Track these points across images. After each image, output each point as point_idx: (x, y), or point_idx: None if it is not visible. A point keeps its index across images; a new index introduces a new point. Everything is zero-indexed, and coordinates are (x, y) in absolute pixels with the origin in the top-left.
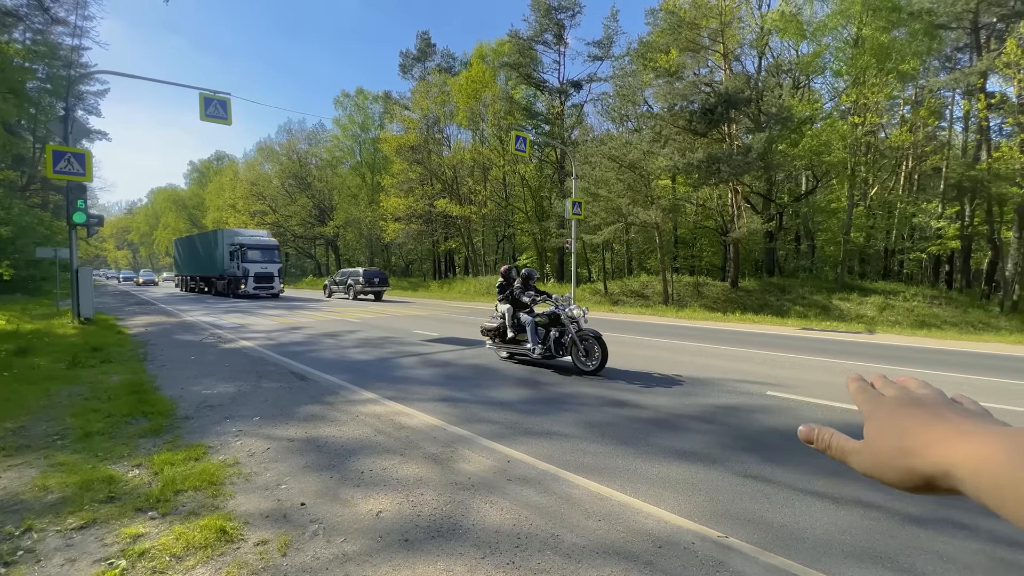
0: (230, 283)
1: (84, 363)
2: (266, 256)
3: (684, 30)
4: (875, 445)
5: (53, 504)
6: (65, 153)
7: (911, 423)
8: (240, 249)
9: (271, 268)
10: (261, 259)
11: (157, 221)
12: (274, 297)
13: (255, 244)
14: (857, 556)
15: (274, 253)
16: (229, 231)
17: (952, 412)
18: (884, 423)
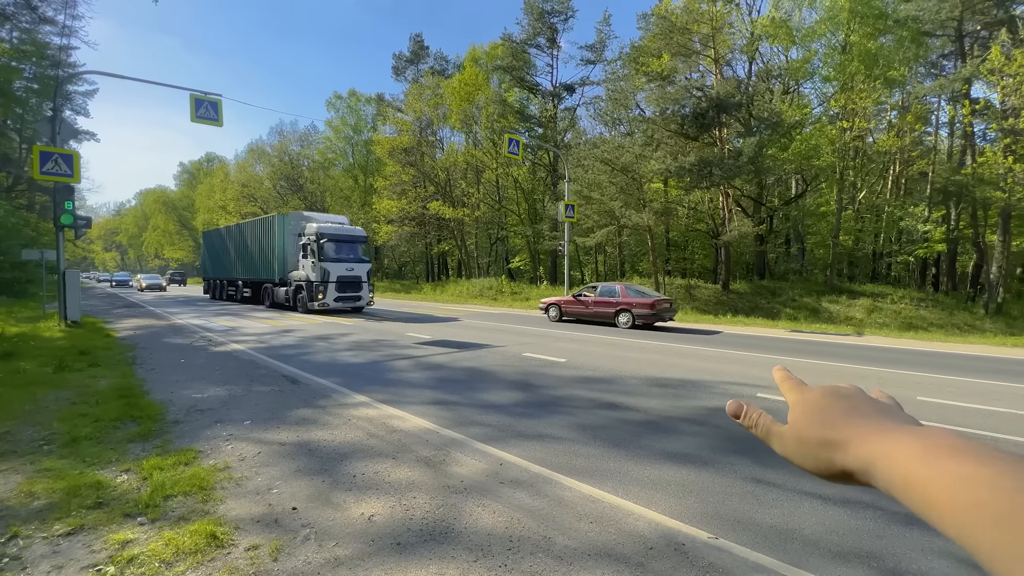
0: (298, 291)
1: (71, 367)
2: (351, 252)
3: (676, 35)
4: (799, 432)
5: (39, 510)
6: (52, 154)
7: (834, 415)
8: (317, 242)
9: (358, 270)
10: (345, 256)
11: (146, 223)
12: (357, 311)
13: (337, 235)
14: (844, 555)
15: (361, 248)
16: (295, 215)
17: (872, 408)
18: (809, 413)
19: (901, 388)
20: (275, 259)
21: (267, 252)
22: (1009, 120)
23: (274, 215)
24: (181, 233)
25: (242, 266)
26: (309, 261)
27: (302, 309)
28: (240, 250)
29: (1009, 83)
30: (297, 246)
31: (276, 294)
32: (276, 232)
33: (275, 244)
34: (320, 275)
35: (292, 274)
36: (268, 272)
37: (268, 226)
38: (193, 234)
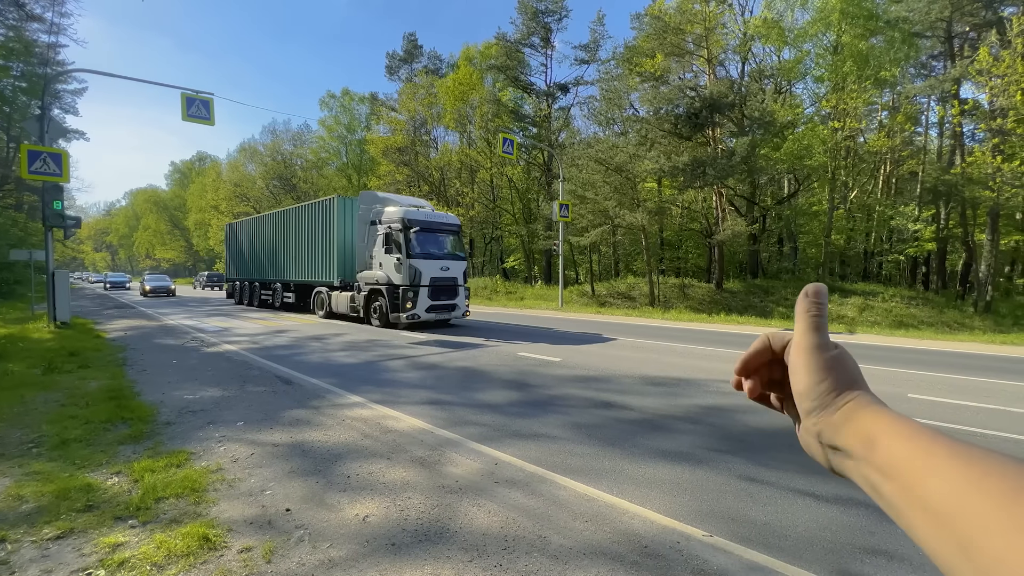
0: (373, 298)
1: (60, 368)
2: (443, 246)
3: (669, 35)
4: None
5: (28, 514)
6: (41, 153)
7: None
8: (403, 231)
9: (454, 269)
10: (438, 251)
11: (137, 223)
12: (444, 323)
13: (429, 222)
14: (837, 551)
15: (453, 241)
16: (367, 195)
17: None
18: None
19: (892, 385)
20: (334, 255)
21: (323, 246)
22: (997, 120)
23: (334, 197)
24: (173, 233)
25: (284, 265)
26: (392, 258)
27: (380, 322)
28: (281, 244)
29: (997, 84)
30: (369, 238)
31: (335, 301)
32: (337, 220)
33: (335, 235)
34: (409, 276)
35: (362, 275)
36: (323, 272)
37: (325, 212)
38: (185, 234)
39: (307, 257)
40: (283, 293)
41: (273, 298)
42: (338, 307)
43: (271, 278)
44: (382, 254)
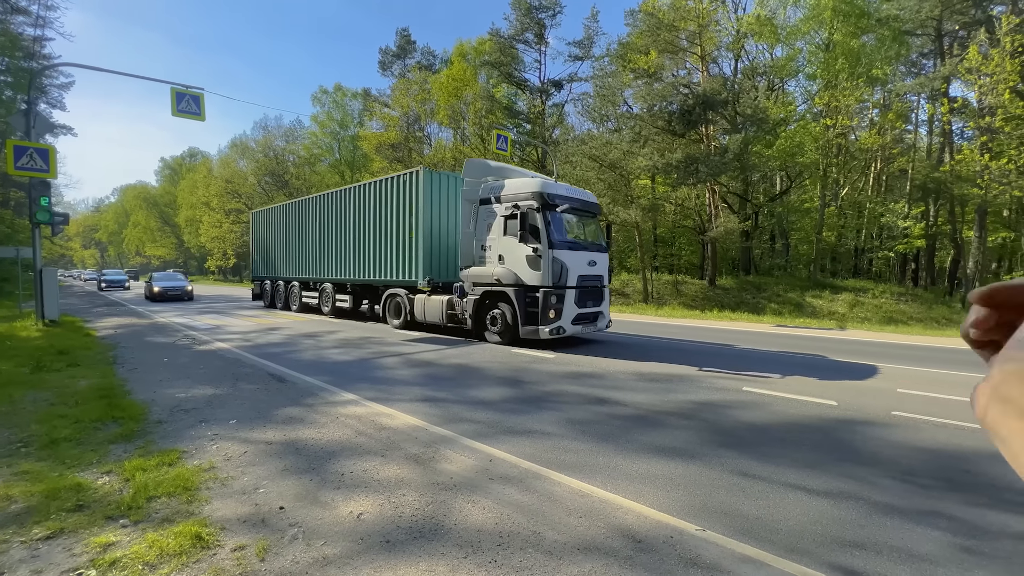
0: (491, 304)
1: (49, 367)
2: (587, 233)
3: (663, 32)
4: None
5: (17, 514)
6: (27, 148)
7: None
8: (541, 211)
9: (601, 264)
10: (582, 242)
11: (127, 219)
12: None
13: (574, 198)
14: (828, 544)
15: (596, 227)
16: (476, 164)
17: None
18: None
19: (883, 381)
20: (418, 247)
21: (400, 236)
22: (986, 118)
23: (419, 169)
24: (163, 230)
25: (338, 261)
26: (523, 249)
27: (502, 337)
28: (334, 235)
29: (986, 82)
30: (481, 221)
31: (420, 307)
32: (423, 199)
33: (420, 221)
34: (552, 274)
35: (470, 273)
36: (399, 269)
37: (403, 191)
38: (176, 231)
39: (374, 250)
40: (335, 296)
41: (321, 302)
42: (426, 315)
43: (318, 277)
44: (505, 243)
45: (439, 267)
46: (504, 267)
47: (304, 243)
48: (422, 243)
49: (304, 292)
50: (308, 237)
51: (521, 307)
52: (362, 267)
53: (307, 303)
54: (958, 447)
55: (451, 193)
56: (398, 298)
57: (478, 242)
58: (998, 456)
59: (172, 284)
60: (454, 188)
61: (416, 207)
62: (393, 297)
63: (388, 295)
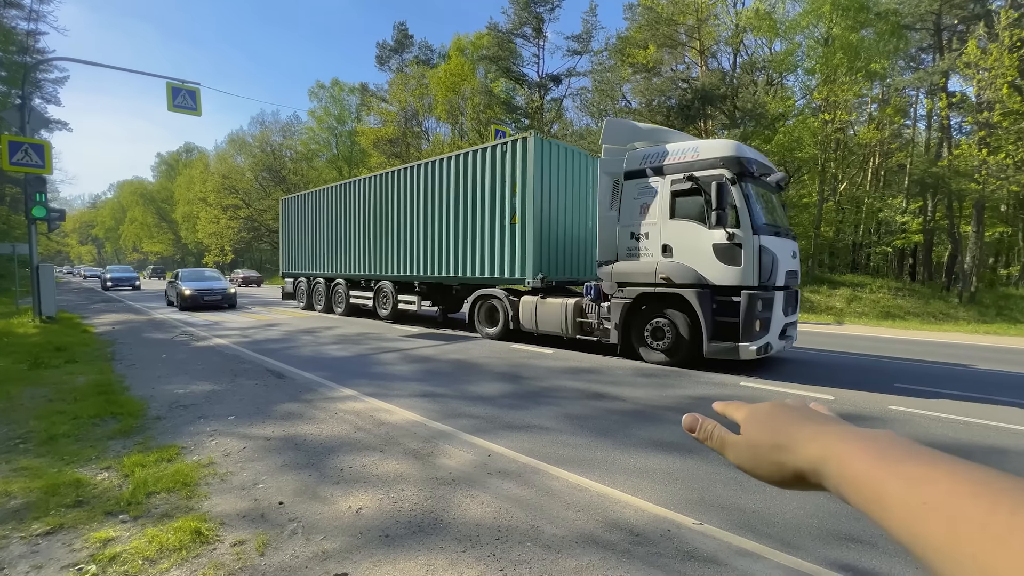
0: (658, 314)
1: (47, 363)
2: (778, 211)
3: (662, 26)
4: (751, 439)
5: (16, 510)
6: (22, 144)
7: (784, 421)
8: (738, 183)
9: (798, 256)
10: (782, 228)
11: (123, 215)
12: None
13: (767, 166)
14: (824, 537)
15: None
16: (620, 125)
17: (819, 416)
18: (759, 421)
19: (880, 375)
20: (528, 237)
21: (497, 222)
22: (984, 113)
23: (528, 135)
24: (160, 226)
25: (405, 254)
26: (710, 236)
27: (675, 356)
28: (398, 222)
29: (984, 77)
30: (629, 200)
31: (529, 313)
32: (534, 174)
33: (530, 201)
34: (759, 269)
35: (618, 269)
36: (499, 263)
37: (505, 164)
38: (173, 227)
39: (456, 241)
40: (397, 296)
41: (377, 303)
42: (537, 322)
43: (372, 274)
44: (674, 229)
45: (552, 262)
46: (673, 261)
47: (353, 234)
48: (532, 231)
49: (353, 292)
50: (358, 227)
51: (706, 315)
52: (437, 261)
53: (357, 304)
54: (954, 440)
55: (566, 168)
56: (493, 300)
57: (625, 229)
58: (994, 450)
59: (208, 286)
60: (569, 162)
61: (525, 184)
62: (485, 300)
63: (478, 297)
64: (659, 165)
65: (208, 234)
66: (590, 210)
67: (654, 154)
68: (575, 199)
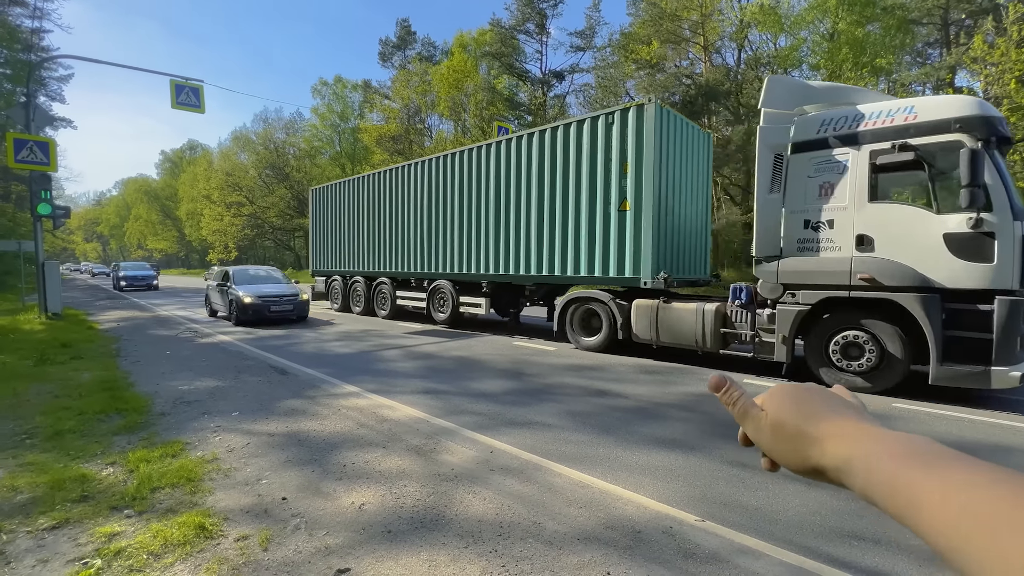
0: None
1: (53, 360)
2: None
3: (665, 22)
4: (776, 417)
5: (23, 505)
6: (27, 141)
7: (808, 407)
8: (983, 148)
9: None
10: None
11: (128, 212)
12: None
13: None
14: (827, 535)
15: None
16: (788, 85)
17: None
18: (784, 401)
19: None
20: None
21: (598, 208)
22: None
23: (646, 103)
24: (164, 223)
25: (469, 248)
26: (941, 222)
27: (880, 384)
28: (461, 212)
29: (992, 72)
30: (815, 180)
31: (653, 319)
32: (650, 152)
33: (646, 185)
34: (1009, 265)
35: (785, 267)
36: (601, 260)
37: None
38: (177, 224)
39: (540, 233)
40: (458, 298)
41: (432, 306)
42: (658, 330)
43: (425, 272)
44: (876, 215)
45: (669, 258)
46: (877, 257)
47: (401, 227)
48: (649, 220)
49: (400, 293)
50: (408, 219)
51: (934, 329)
52: (513, 258)
53: (405, 307)
54: (959, 438)
55: (680, 144)
56: (592, 304)
57: (795, 216)
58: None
59: (274, 291)
60: (684, 137)
61: (640, 162)
62: (581, 304)
63: (572, 300)
64: (850, 132)
65: (212, 231)
66: (701, 196)
67: (840, 118)
68: (688, 182)
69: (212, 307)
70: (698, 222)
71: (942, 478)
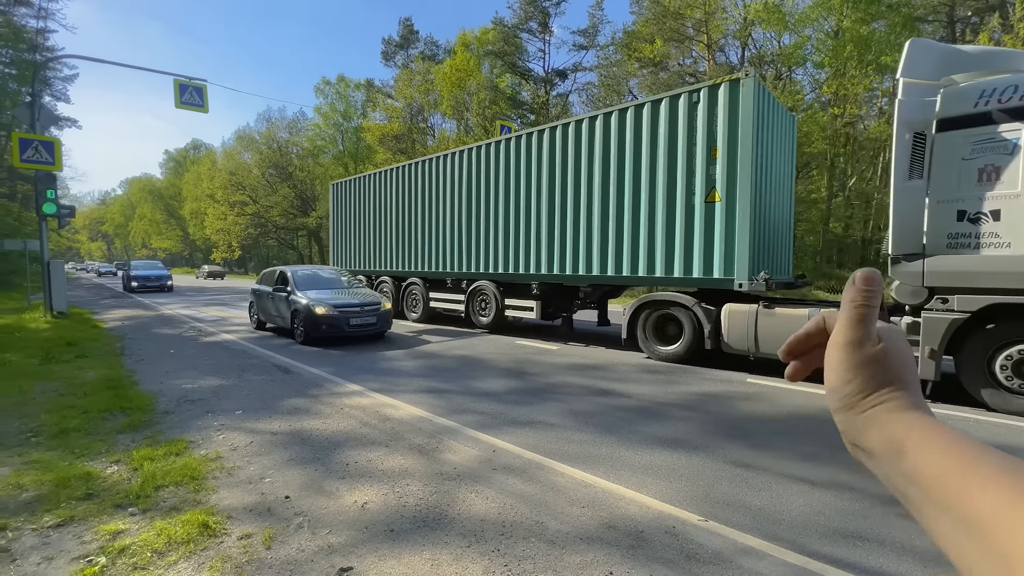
0: None
1: (58, 358)
2: None
3: (669, 20)
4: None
5: (28, 502)
6: (32, 141)
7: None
8: None
9: None
10: None
11: (132, 212)
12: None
13: None
14: (831, 535)
15: None
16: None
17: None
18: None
19: None
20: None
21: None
22: None
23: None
24: (168, 222)
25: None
26: None
27: None
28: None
29: None
30: (972, 163)
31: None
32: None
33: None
34: None
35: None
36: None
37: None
38: (181, 223)
39: (606, 227)
40: (502, 300)
41: (472, 309)
42: (759, 341)
43: (463, 271)
44: None
45: (763, 257)
46: None
47: (435, 223)
48: (748, 213)
49: (434, 294)
50: (443, 214)
51: None
52: (571, 256)
53: (439, 309)
54: None
55: (773, 126)
56: (671, 309)
57: (944, 205)
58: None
59: (349, 302)
60: (776, 118)
61: (735, 146)
62: (656, 308)
63: (645, 304)
64: (1020, 105)
65: (216, 230)
66: (786, 185)
67: (1007, 88)
68: (776, 170)
69: (262, 318)
70: (784, 215)
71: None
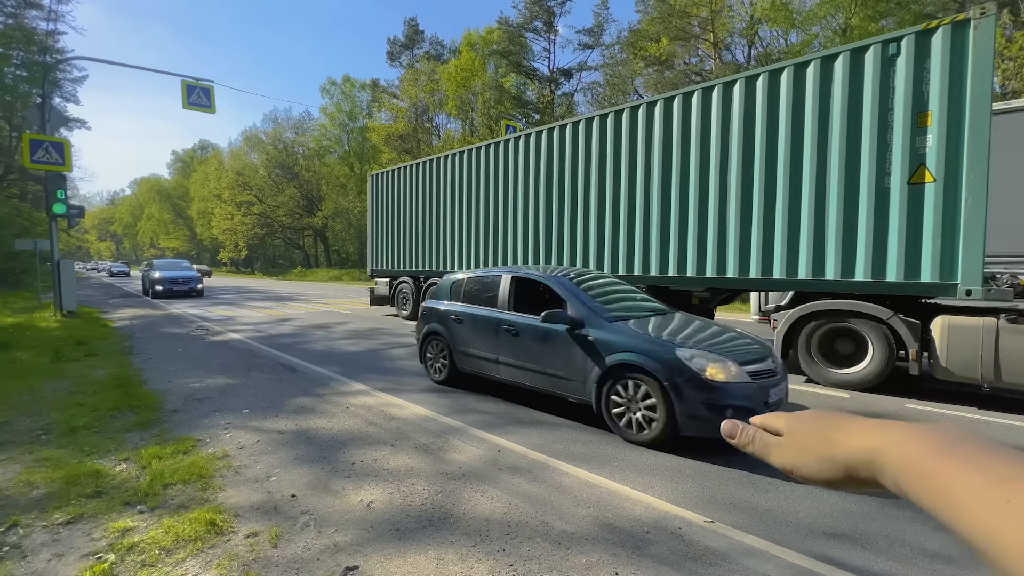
0: None
1: (68, 357)
2: None
3: (675, 18)
4: (799, 437)
5: (39, 500)
6: (43, 142)
7: (834, 419)
8: None
9: None
10: None
11: (141, 212)
12: None
13: None
14: (838, 538)
15: None
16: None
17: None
18: (808, 420)
19: (896, 373)
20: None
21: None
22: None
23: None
24: (176, 222)
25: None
26: None
27: None
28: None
29: (1009, 66)
30: None
31: (993, 352)
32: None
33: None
34: None
35: None
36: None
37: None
38: (188, 223)
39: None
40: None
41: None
42: (1002, 369)
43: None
44: None
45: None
46: None
47: (503, 217)
48: (983, 195)
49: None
50: (514, 206)
51: None
52: (694, 252)
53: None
54: None
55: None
56: (849, 322)
57: None
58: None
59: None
60: None
61: (961, 110)
62: (827, 320)
63: (809, 315)
64: None
65: (223, 230)
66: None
67: None
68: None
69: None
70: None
71: (985, 469)
